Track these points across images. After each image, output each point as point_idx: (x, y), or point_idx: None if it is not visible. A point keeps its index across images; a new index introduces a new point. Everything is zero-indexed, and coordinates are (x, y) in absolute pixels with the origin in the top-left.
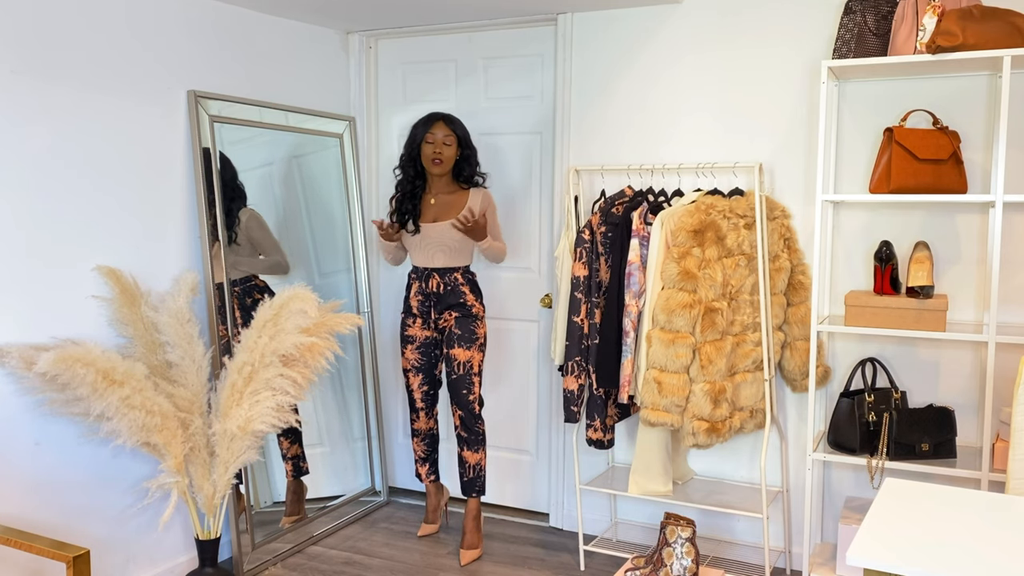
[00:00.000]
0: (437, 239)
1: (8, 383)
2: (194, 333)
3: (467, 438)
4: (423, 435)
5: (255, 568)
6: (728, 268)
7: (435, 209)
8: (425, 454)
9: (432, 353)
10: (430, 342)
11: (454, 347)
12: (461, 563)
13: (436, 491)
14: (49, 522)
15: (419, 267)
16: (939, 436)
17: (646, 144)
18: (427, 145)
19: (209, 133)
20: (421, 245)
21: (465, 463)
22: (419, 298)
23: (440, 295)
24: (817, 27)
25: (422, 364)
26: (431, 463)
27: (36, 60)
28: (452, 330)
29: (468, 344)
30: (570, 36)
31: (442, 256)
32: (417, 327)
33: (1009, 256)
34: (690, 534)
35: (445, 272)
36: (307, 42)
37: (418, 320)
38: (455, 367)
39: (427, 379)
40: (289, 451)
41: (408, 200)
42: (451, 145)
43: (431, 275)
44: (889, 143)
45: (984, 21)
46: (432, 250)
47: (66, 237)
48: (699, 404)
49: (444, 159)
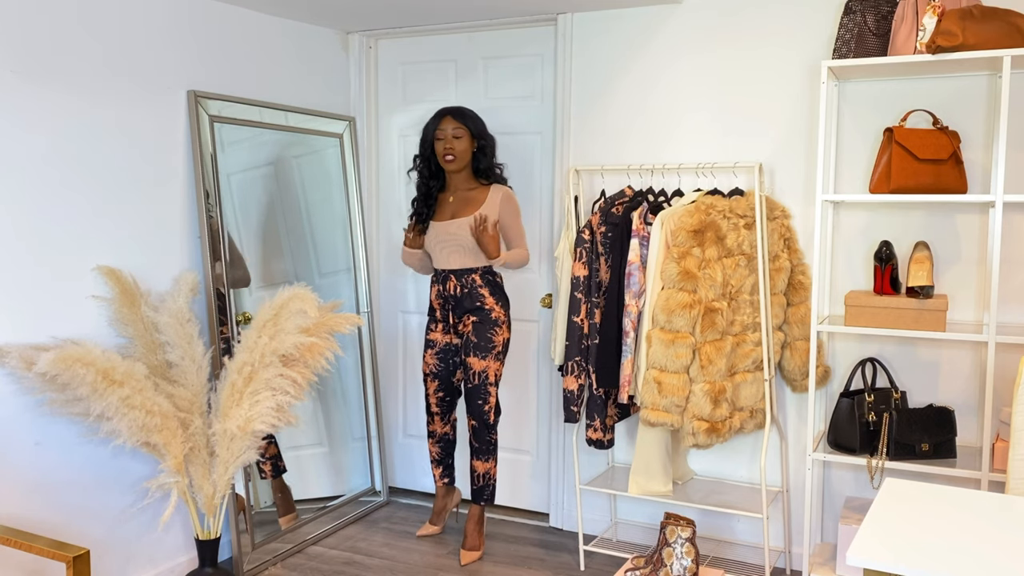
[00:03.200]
0: (453, 237)
1: (8, 383)
2: (194, 333)
3: (478, 448)
4: (438, 438)
5: (255, 568)
6: (728, 268)
7: (453, 206)
8: (439, 457)
9: (451, 360)
10: (450, 348)
11: (470, 355)
12: (461, 563)
13: (446, 493)
14: (49, 522)
15: (438, 269)
16: (939, 436)
17: (646, 144)
18: (438, 142)
19: (209, 133)
20: (437, 245)
21: (475, 472)
22: (439, 302)
23: (458, 298)
24: (817, 27)
25: (439, 370)
26: (444, 466)
27: (36, 60)
28: (469, 337)
29: (483, 353)
30: (570, 36)
31: (458, 256)
32: (439, 331)
33: (1009, 256)
34: (690, 534)
35: (462, 273)
36: (307, 42)
37: (440, 324)
38: (470, 376)
39: (443, 385)
40: (267, 451)
41: (423, 202)
42: (462, 138)
43: (448, 277)
44: (889, 143)
45: (984, 21)
46: (448, 250)
47: (66, 237)
48: (699, 404)
49: (457, 154)
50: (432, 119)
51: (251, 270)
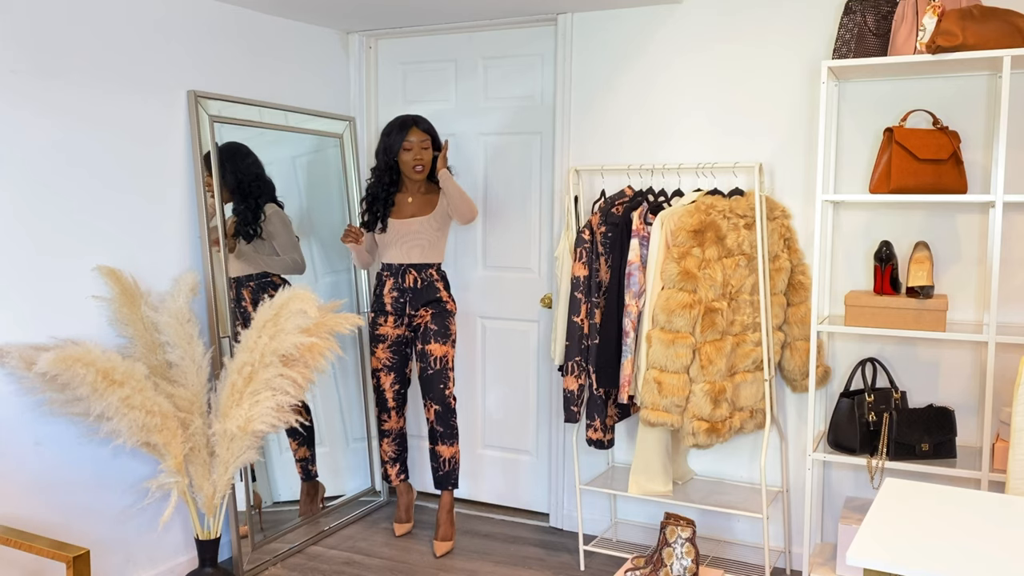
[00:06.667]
0: (416, 235)
1: (8, 383)
2: (194, 333)
3: (443, 432)
4: (394, 435)
5: (255, 568)
6: (728, 268)
7: (413, 206)
8: (396, 454)
9: (403, 351)
10: (401, 340)
11: (430, 343)
12: (436, 554)
13: (407, 490)
14: (49, 522)
15: (393, 264)
16: (939, 436)
17: (646, 144)
18: (405, 152)
19: (209, 133)
20: (397, 242)
21: (439, 457)
22: (394, 295)
23: (417, 290)
24: (817, 27)
25: (394, 363)
26: (401, 463)
27: (36, 60)
28: (428, 326)
29: (444, 339)
30: (570, 36)
31: (419, 252)
32: (389, 325)
33: (1009, 256)
34: (690, 534)
35: (422, 268)
36: (307, 42)
37: (391, 318)
38: (431, 362)
39: (399, 378)
40: (297, 453)
41: (380, 203)
42: (428, 148)
43: (407, 271)
44: (889, 143)
45: (984, 21)
46: (409, 246)
47: (66, 237)
48: (699, 404)
49: (425, 163)
50: (396, 130)
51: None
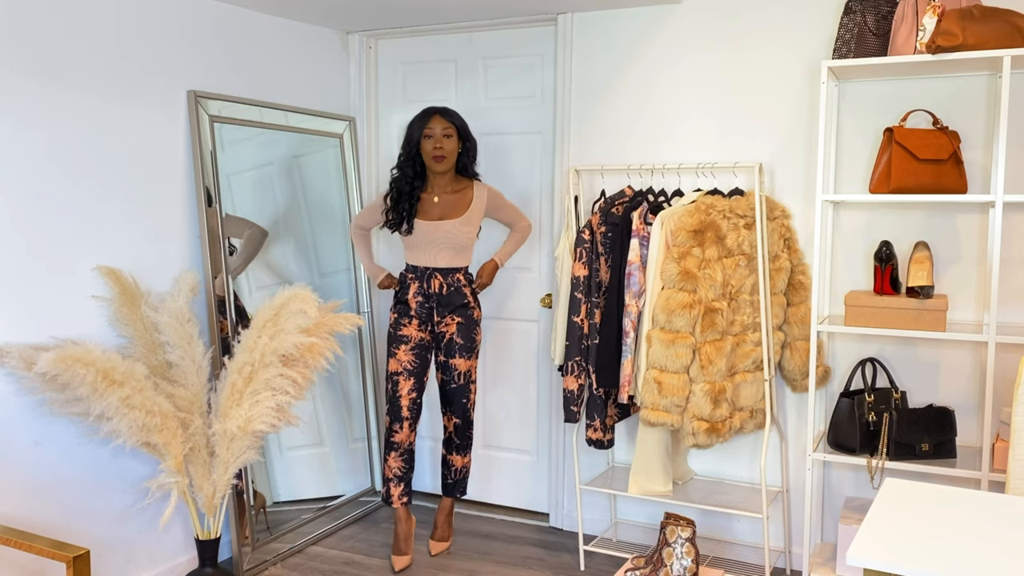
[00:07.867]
0: (444, 238)
1: (8, 383)
2: (194, 333)
3: (459, 444)
4: (403, 450)
5: (255, 568)
6: (728, 268)
7: (440, 207)
8: (402, 472)
9: (425, 356)
10: (424, 344)
11: (455, 357)
12: (431, 553)
13: (407, 517)
14: (49, 522)
15: (419, 267)
16: (939, 436)
17: (646, 144)
18: (426, 140)
19: (209, 133)
20: (425, 244)
21: (452, 466)
22: (419, 299)
23: (443, 296)
24: (817, 27)
25: (415, 368)
26: (406, 483)
27: (35, 60)
28: (454, 339)
29: (469, 354)
30: (570, 36)
31: (447, 256)
32: (413, 327)
33: (1009, 256)
34: (690, 534)
35: (448, 272)
36: (307, 42)
37: (415, 321)
38: (455, 376)
39: (417, 384)
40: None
41: (406, 200)
42: (452, 137)
43: (433, 275)
44: (889, 143)
45: (984, 21)
46: (437, 249)
47: (66, 237)
48: (699, 404)
49: (447, 153)
50: (418, 118)
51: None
